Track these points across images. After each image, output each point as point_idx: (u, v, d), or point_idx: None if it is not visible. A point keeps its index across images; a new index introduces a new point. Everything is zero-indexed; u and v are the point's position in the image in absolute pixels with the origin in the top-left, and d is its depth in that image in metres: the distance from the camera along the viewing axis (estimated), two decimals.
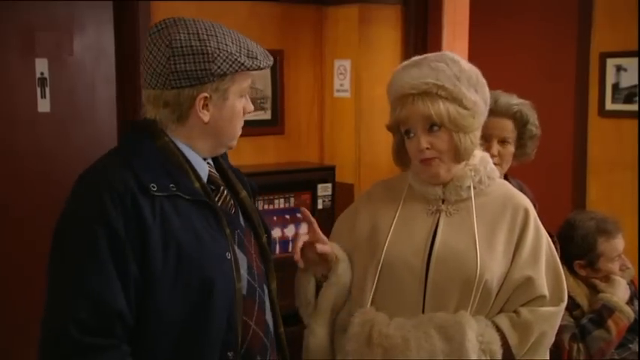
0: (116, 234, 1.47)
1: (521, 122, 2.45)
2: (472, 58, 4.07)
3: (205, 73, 1.55)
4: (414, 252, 1.89)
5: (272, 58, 1.66)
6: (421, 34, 3.87)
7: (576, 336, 2.69)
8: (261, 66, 1.62)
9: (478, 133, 1.94)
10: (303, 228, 3.70)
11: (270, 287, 1.77)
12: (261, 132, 3.76)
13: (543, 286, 1.91)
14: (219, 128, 1.63)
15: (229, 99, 1.61)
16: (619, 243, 2.82)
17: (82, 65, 3.32)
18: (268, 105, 3.79)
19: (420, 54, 2.00)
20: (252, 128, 3.72)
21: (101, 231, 1.46)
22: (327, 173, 3.73)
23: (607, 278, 2.79)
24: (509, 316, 1.90)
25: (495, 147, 2.43)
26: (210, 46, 1.55)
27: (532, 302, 1.91)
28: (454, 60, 1.91)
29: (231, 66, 1.56)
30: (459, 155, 1.89)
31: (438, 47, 3.85)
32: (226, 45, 1.57)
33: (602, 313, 2.69)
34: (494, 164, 2.42)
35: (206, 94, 1.57)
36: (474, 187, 1.94)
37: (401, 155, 2.00)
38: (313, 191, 3.67)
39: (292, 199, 3.63)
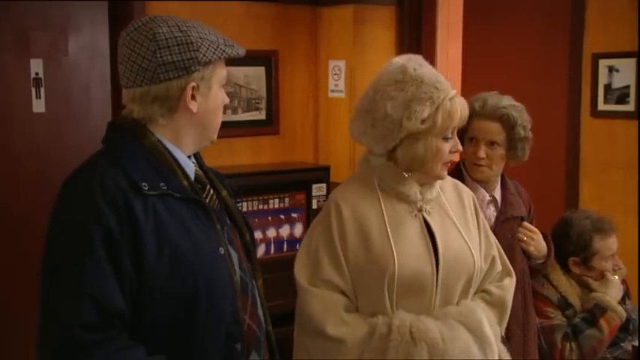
0: (110, 233, 1.48)
1: (508, 125, 2.44)
2: (466, 59, 4.10)
3: (192, 62, 1.58)
4: (421, 259, 1.92)
5: (243, 49, 1.71)
6: (415, 34, 3.88)
7: (569, 335, 2.71)
8: (240, 53, 1.67)
9: None
10: (298, 228, 3.73)
11: (257, 284, 1.79)
12: (256, 132, 3.77)
13: (499, 262, 2.07)
14: (206, 119, 1.66)
15: (213, 88, 1.64)
16: (613, 242, 2.83)
17: (77, 65, 3.32)
18: (263, 105, 3.80)
19: (415, 54, 2.03)
20: (247, 128, 3.75)
21: (96, 231, 1.47)
22: (321, 173, 3.74)
23: (601, 276, 2.80)
24: (481, 297, 2.01)
25: (483, 149, 2.44)
26: (192, 36, 1.59)
27: (494, 278, 2.06)
28: None
29: (214, 53, 1.60)
30: None
31: (432, 48, 3.87)
32: (206, 34, 1.62)
33: (595, 313, 2.70)
34: (482, 166, 2.45)
35: (194, 84, 1.60)
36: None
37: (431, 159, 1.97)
38: (308, 191, 3.68)
39: (287, 199, 3.64)
